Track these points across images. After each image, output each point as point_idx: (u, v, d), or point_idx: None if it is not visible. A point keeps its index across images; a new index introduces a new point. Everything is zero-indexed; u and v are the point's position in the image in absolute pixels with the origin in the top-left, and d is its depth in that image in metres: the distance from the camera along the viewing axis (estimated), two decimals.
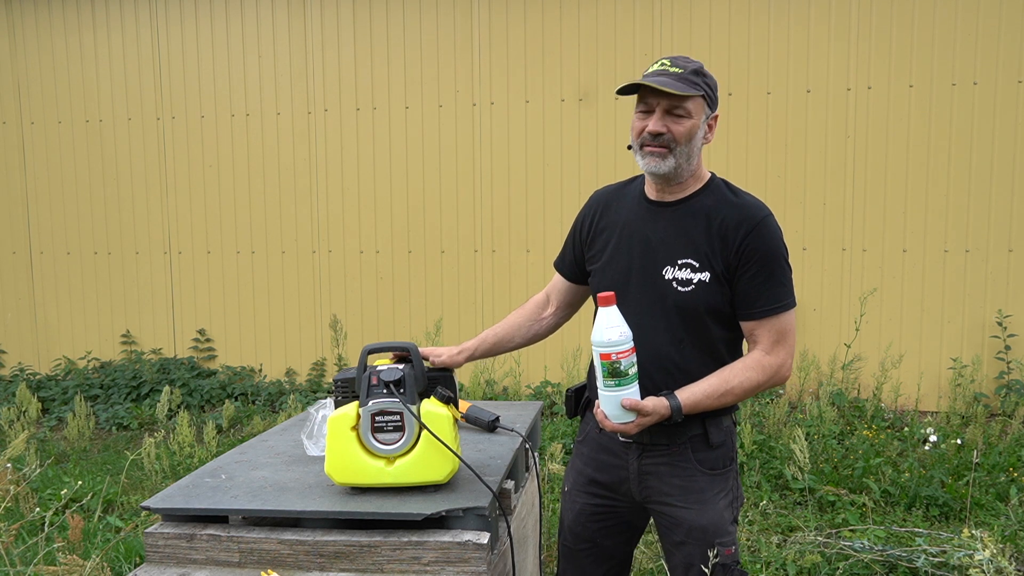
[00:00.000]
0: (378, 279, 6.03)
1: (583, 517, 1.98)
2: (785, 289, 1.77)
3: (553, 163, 5.65)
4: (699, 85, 1.71)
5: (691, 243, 1.77)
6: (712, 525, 1.81)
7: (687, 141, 1.72)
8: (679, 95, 1.68)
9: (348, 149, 5.98)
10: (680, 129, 1.71)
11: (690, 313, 1.77)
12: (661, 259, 1.79)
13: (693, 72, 1.72)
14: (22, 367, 6.54)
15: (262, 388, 6.02)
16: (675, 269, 1.77)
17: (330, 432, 1.65)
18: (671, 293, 1.77)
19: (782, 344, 1.77)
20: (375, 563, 1.57)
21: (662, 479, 1.85)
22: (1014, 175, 5.08)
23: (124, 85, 6.25)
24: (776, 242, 1.76)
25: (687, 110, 1.71)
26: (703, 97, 1.73)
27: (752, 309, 1.76)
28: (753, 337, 1.79)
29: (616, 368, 1.66)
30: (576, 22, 5.57)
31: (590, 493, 1.97)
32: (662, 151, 1.72)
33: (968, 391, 4.98)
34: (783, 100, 5.34)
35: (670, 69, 1.71)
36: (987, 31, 5.03)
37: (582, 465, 1.99)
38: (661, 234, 1.81)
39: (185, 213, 6.26)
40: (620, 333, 1.66)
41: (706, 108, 1.74)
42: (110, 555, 3.18)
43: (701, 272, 1.75)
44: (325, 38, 5.94)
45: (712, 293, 1.76)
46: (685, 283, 1.76)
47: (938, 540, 3.21)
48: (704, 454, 1.83)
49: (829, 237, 5.34)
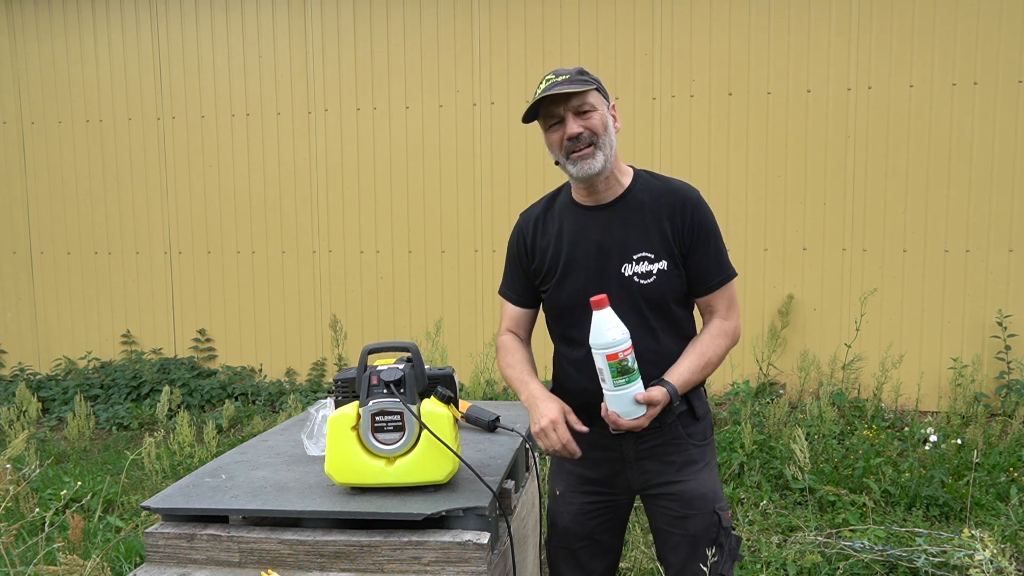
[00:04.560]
0: (378, 279, 6.03)
1: (580, 516, 2.01)
2: (727, 259, 1.93)
3: (553, 162, 5.64)
4: (589, 80, 1.82)
5: (642, 236, 1.86)
6: (711, 492, 1.92)
7: (604, 131, 1.83)
8: (580, 91, 1.79)
9: (348, 149, 5.98)
10: (594, 122, 1.81)
11: (657, 302, 1.86)
12: (617, 258, 1.86)
13: (578, 73, 1.83)
14: (22, 367, 6.54)
15: (262, 388, 6.02)
16: (633, 264, 1.85)
17: (330, 432, 1.65)
18: (635, 288, 1.85)
19: (733, 307, 1.93)
20: (375, 563, 1.57)
21: (658, 459, 1.92)
22: (1014, 175, 5.08)
23: (124, 85, 6.25)
24: (712, 216, 1.91)
25: (591, 104, 1.81)
26: (597, 90, 1.84)
27: (709, 283, 1.89)
28: (710, 308, 1.93)
29: (624, 365, 1.69)
30: (576, 22, 5.57)
31: (585, 492, 2.00)
32: (589, 150, 1.82)
33: (968, 391, 4.97)
34: (783, 100, 5.34)
35: (558, 80, 1.81)
36: (987, 31, 5.03)
37: (572, 466, 2.01)
38: (610, 235, 1.87)
39: (185, 213, 6.26)
40: (621, 331, 1.70)
41: (603, 99, 1.86)
42: (110, 555, 3.19)
43: (658, 261, 1.85)
44: (325, 38, 5.94)
45: (672, 278, 1.86)
46: (646, 275, 1.85)
47: (938, 540, 3.21)
48: (692, 427, 1.93)
49: (829, 237, 5.34)
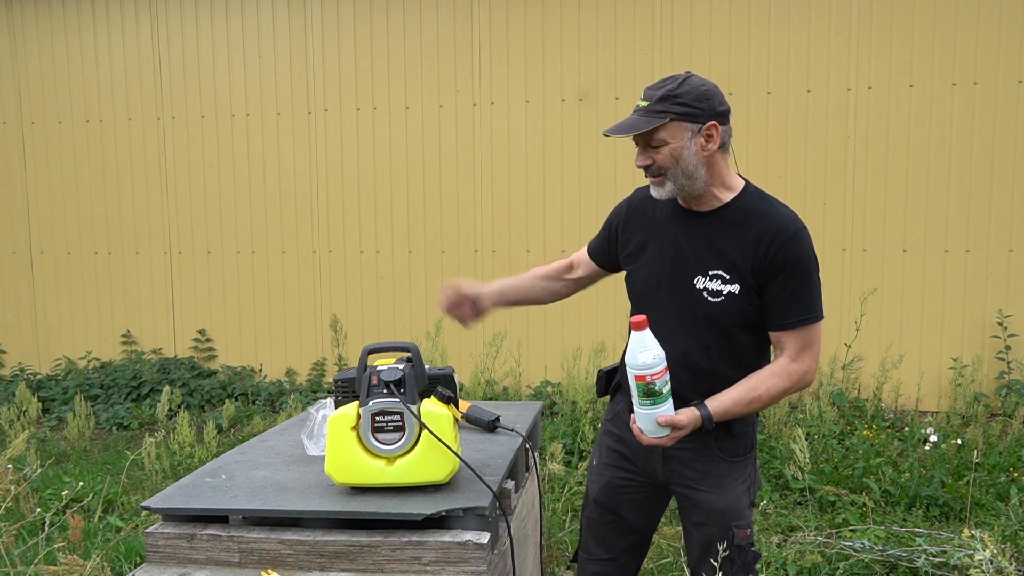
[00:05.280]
0: (378, 279, 6.03)
1: (609, 490, 2.07)
2: (815, 301, 1.81)
3: (553, 163, 5.65)
4: (663, 112, 1.74)
5: (722, 254, 1.82)
6: (730, 508, 1.91)
7: (674, 164, 1.77)
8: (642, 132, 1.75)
9: (348, 149, 5.98)
10: (661, 157, 1.77)
11: (719, 322, 1.83)
12: (692, 268, 1.84)
13: (659, 100, 1.75)
14: (22, 367, 6.54)
15: (262, 388, 6.01)
16: (706, 279, 1.82)
17: (330, 432, 1.65)
18: (701, 303, 1.83)
19: (808, 351, 1.82)
20: (375, 563, 1.57)
21: (685, 463, 1.94)
22: (1015, 175, 5.07)
23: (124, 85, 6.25)
24: (808, 255, 1.79)
25: (660, 139, 1.76)
26: (678, 117, 1.74)
27: (782, 320, 1.81)
28: (781, 344, 1.84)
29: (651, 388, 1.71)
30: (576, 22, 5.56)
31: (618, 467, 2.06)
32: (658, 179, 1.81)
33: (968, 391, 4.97)
34: (783, 100, 5.33)
35: (641, 104, 1.78)
36: (988, 31, 5.03)
37: (612, 442, 2.08)
38: (693, 243, 1.85)
39: (185, 213, 6.26)
40: (654, 356, 1.70)
41: (687, 124, 1.75)
42: (110, 555, 3.18)
43: (731, 284, 1.80)
44: (325, 38, 5.94)
45: (742, 304, 1.81)
46: (715, 294, 1.81)
47: (938, 540, 3.21)
48: (726, 443, 1.92)
49: (829, 237, 5.33)
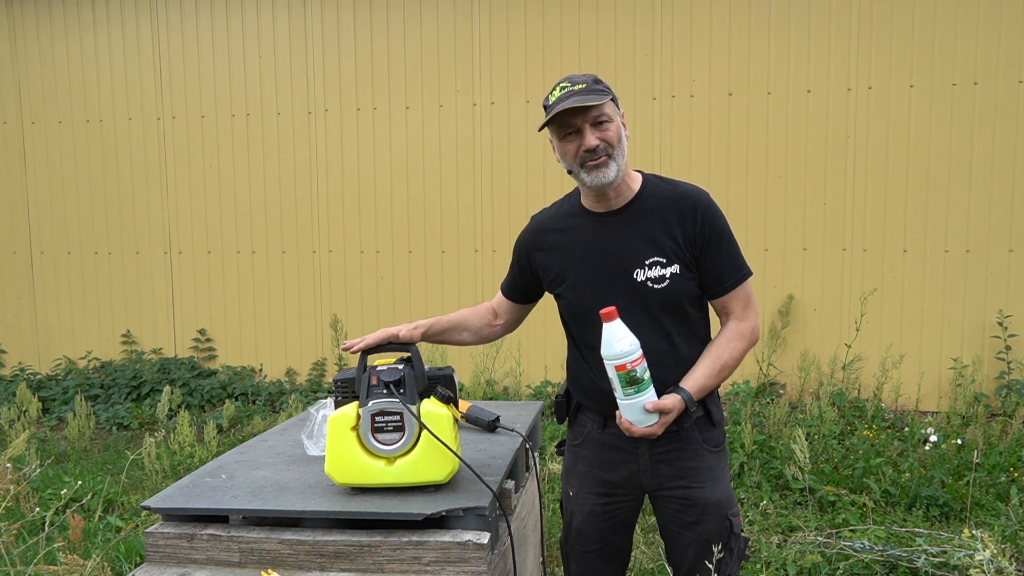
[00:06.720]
0: (378, 279, 6.03)
1: (593, 518, 2.01)
2: (742, 259, 1.92)
3: (553, 163, 5.65)
4: (605, 90, 1.82)
5: (654, 241, 1.86)
6: (725, 498, 1.94)
7: (618, 142, 1.83)
8: (599, 104, 1.78)
9: (348, 149, 5.98)
10: (610, 134, 1.82)
11: (671, 306, 1.87)
12: (628, 264, 1.86)
13: (594, 82, 1.82)
14: (22, 367, 6.54)
15: (262, 388, 6.02)
16: (645, 270, 1.85)
17: (330, 432, 1.65)
18: (648, 293, 1.85)
19: (750, 307, 1.92)
20: (375, 563, 1.57)
21: (672, 464, 1.93)
22: (1015, 175, 5.07)
23: (124, 85, 6.25)
24: (723, 217, 1.90)
25: (607, 115, 1.81)
26: (611, 100, 1.83)
27: (723, 285, 1.89)
28: (726, 309, 1.92)
29: (633, 376, 1.72)
30: (576, 22, 5.56)
31: (599, 494, 2.00)
32: (603, 160, 1.81)
33: (968, 391, 4.97)
34: (783, 100, 5.34)
35: (575, 88, 1.80)
36: (988, 31, 5.03)
37: (587, 467, 2.01)
38: (621, 240, 1.88)
39: (185, 213, 6.26)
40: (629, 343, 1.72)
41: (616, 108, 1.85)
42: (110, 555, 3.18)
43: (670, 266, 1.85)
44: (325, 38, 5.94)
45: (685, 281, 1.86)
46: (659, 280, 1.85)
47: (938, 540, 3.21)
48: (708, 433, 1.94)
49: (829, 237, 5.34)
